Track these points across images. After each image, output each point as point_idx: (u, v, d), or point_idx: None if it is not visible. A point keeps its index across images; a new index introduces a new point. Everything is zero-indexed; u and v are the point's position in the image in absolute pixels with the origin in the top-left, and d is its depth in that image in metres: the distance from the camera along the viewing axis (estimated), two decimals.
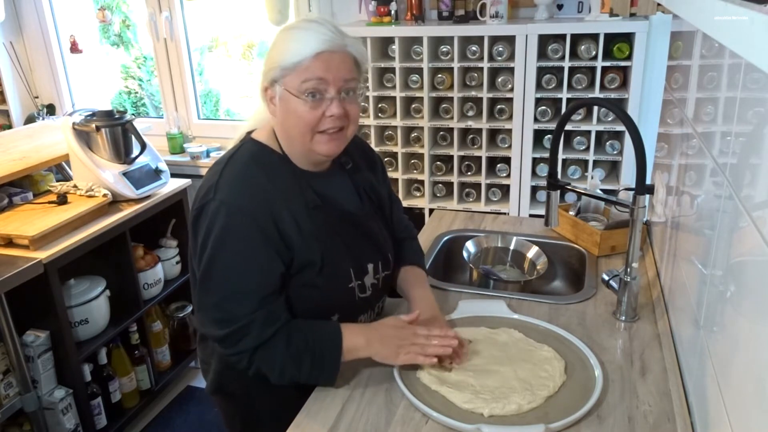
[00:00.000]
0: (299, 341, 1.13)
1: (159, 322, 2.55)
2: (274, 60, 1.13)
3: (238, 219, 1.11)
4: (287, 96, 1.13)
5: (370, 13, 2.45)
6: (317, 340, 1.14)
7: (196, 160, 2.97)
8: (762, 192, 0.72)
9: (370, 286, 1.28)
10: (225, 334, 1.12)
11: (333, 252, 1.19)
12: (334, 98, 1.13)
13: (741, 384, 0.77)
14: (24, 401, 1.98)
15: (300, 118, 1.14)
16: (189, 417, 2.51)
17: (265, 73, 1.16)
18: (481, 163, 2.42)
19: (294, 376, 1.13)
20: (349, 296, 1.24)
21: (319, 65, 1.11)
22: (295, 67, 1.11)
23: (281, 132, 1.20)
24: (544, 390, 1.12)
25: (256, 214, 1.11)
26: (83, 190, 2.24)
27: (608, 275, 1.43)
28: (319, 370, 1.14)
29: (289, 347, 1.12)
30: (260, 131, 1.24)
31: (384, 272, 1.32)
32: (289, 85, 1.12)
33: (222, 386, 1.30)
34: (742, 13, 0.59)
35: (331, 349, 1.14)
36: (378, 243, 1.31)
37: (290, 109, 1.14)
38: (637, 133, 1.22)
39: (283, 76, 1.13)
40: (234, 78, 3.63)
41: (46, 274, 1.93)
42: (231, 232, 1.10)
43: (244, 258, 1.11)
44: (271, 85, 1.15)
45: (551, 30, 2.17)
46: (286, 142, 1.20)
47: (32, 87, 3.27)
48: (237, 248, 1.11)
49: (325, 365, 1.14)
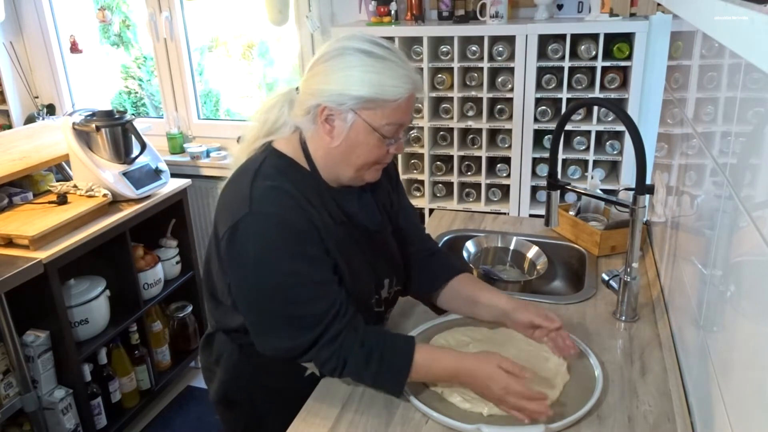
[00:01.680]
0: (371, 348, 1.10)
1: (159, 322, 2.55)
2: (351, 85, 1.05)
3: (283, 228, 1.07)
4: (362, 126, 1.08)
5: (370, 13, 2.45)
6: (388, 352, 1.11)
7: (196, 160, 2.97)
8: (762, 192, 0.72)
9: (384, 301, 1.28)
10: (307, 342, 1.09)
11: (356, 267, 1.18)
12: (402, 137, 1.14)
13: (741, 384, 0.77)
14: (24, 401, 1.98)
15: (369, 152, 1.11)
16: (189, 417, 2.51)
17: (329, 94, 1.07)
18: (481, 163, 2.42)
19: (363, 381, 1.13)
20: (368, 310, 1.24)
21: (406, 109, 1.09)
22: (382, 105, 1.06)
23: (326, 153, 1.13)
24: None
25: (298, 223, 1.08)
26: (83, 190, 2.24)
27: (608, 275, 1.43)
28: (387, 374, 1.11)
29: (361, 353, 1.09)
30: (283, 142, 1.17)
31: (396, 287, 1.32)
32: (369, 119, 1.07)
33: (227, 396, 1.29)
34: (742, 13, 0.59)
35: (402, 355, 1.10)
36: (394, 259, 1.30)
37: (359, 141, 1.09)
38: (637, 133, 1.22)
39: (363, 107, 1.06)
40: (234, 78, 3.63)
41: (46, 274, 1.93)
42: (279, 242, 1.07)
43: (301, 264, 1.08)
44: (337, 107, 1.07)
45: (551, 30, 2.17)
46: (327, 162, 1.15)
47: (32, 87, 3.27)
48: (289, 257, 1.07)
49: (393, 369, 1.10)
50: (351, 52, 1.07)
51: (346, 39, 1.10)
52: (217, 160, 2.94)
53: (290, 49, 3.19)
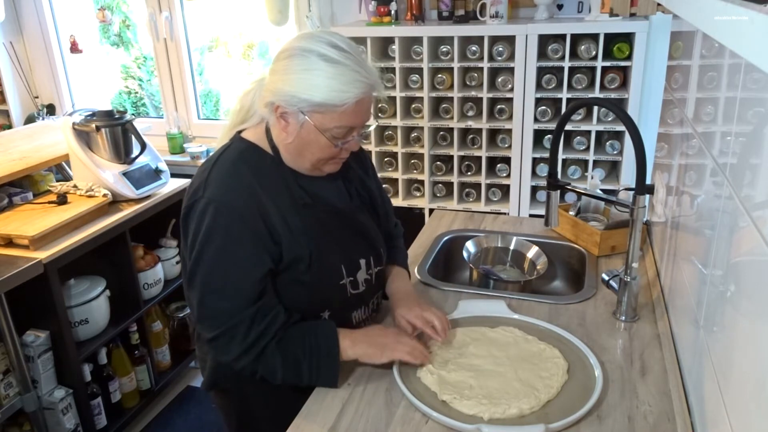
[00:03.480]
0: (295, 348, 1.13)
1: (159, 322, 2.55)
2: (302, 89, 1.08)
3: (225, 216, 1.11)
4: (311, 128, 1.11)
5: (370, 13, 2.45)
6: (313, 345, 1.14)
7: (196, 160, 2.97)
8: (762, 192, 0.72)
9: (364, 282, 1.28)
10: (214, 335, 1.13)
11: (322, 248, 1.19)
12: (355, 137, 1.15)
13: (741, 384, 0.77)
14: (24, 401, 1.98)
15: (321, 150, 1.14)
16: (189, 417, 2.51)
17: (283, 95, 1.10)
18: (481, 163, 2.42)
19: (295, 380, 1.15)
20: (341, 293, 1.24)
21: (356, 112, 1.10)
22: (329, 110, 1.09)
23: (285, 146, 1.18)
24: (545, 393, 1.11)
25: (244, 211, 1.12)
26: (83, 190, 2.24)
27: (608, 275, 1.43)
28: (318, 376, 1.15)
29: (285, 355, 1.13)
30: (250, 130, 1.23)
31: (377, 267, 1.32)
32: (318, 122, 1.10)
33: (217, 382, 1.31)
34: (742, 13, 0.59)
35: (328, 352, 1.15)
36: (370, 238, 1.31)
37: (310, 140, 1.13)
38: (637, 133, 1.22)
39: (312, 111, 1.09)
40: (234, 78, 3.63)
41: (46, 274, 1.93)
42: (218, 229, 1.11)
43: (230, 254, 1.11)
44: (288, 107, 1.11)
45: (551, 30, 2.17)
46: (286, 152, 1.19)
47: (32, 87, 3.27)
48: (223, 245, 1.11)
49: (323, 370, 1.14)
50: (308, 55, 1.09)
51: (309, 39, 1.12)
52: None
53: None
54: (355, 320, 1.30)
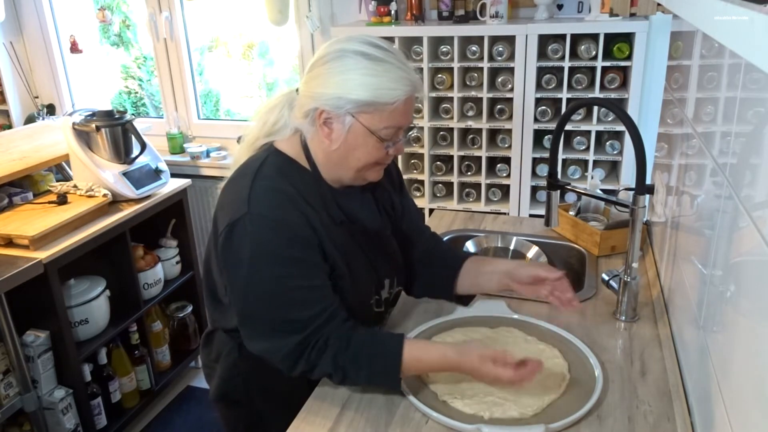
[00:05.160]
0: (358, 344, 1.10)
1: (159, 322, 2.55)
2: (349, 90, 1.05)
3: (279, 230, 1.07)
4: (360, 130, 1.08)
5: (370, 13, 2.45)
6: (376, 354, 1.10)
7: (196, 160, 2.97)
8: (762, 192, 0.72)
9: (384, 301, 1.28)
10: (289, 350, 1.09)
11: (357, 267, 1.18)
12: (402, 139, 1.13)
13: (741, 384, 0.77)
14: (24, 401, 1.99)
15: (368, 154, 1.11)
16: (189, 417, 2.51)
17: (327, 98, 1.07)
18: (481, 163, 2.42)
19: (354, 382, 1.13)
20: (368, 311, 1.24)
21: (404, 111, 1.08)
22: (380, 108, 1.06)
23: (327, 154, 1.13)
24: (545, 393, 1.11)
25: (296, 225, 1.08)
26: (83, 190, 2.24)
27: (608, 275, 1.43)
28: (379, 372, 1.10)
29: (348, 349, 1.09)
30: (284, 143, 1.18)
31: (397, 287, 1.32)
32: (367, 123, 1.07)
33: (227, 394, 1.28)
34: (742, 13, 0.59)
35: (391, 351, 1.10)
36: (395, 258, 1.31)
37: (358, 143, 1.09)
38: (637, 133, 1.22)
39: (360, 111, 1.06)
40: (234, 78, 3.63)
41: (46, 274, 1.93)
42: (274, 243, 1.07)
43: (293, 266, 1.08)
44: (335, 111, 1.07)
45: (551, 30, 2.17)
46: (327, 163, 1.15)
47: (32, 87, 3.27)
48: (283, 258, 1.07)
49: (381, 378, 1.11)
50: (349, 55, 1.06)
51: (344, 41, 1.09)
52: (217, 160, 2.94)
53: (290, 49, 3.20)
54: None
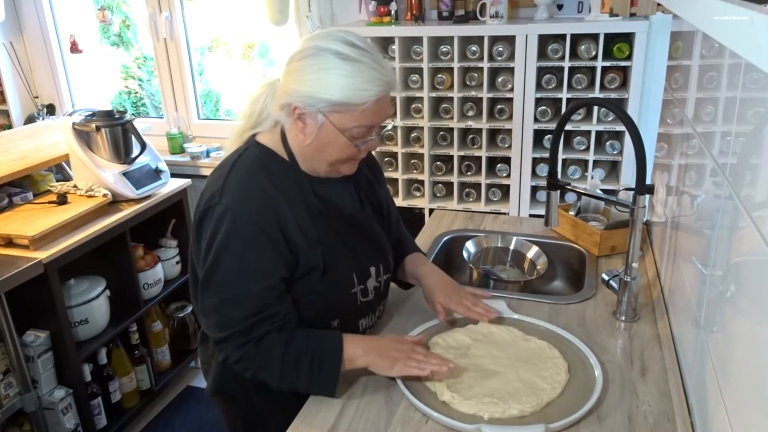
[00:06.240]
0: (299, 347, 1.12)
1: (159, 322, 2.55)
2: (320, 89, 1.07)
3: (243, 223, 1.09)
4: (330, 128, 1.10)
5: (370, 13, 2.45)
6: (317, 348, 1.12)
7: (196, 160, 2.97)
8: (762, 192, 0.72)
9: (372, 290, 1.28)
10: (224, 336, 1.12)
11: (336, 257, 1.19)
12: (374, 136, 1.15)
13: (741, 384, 0.77)
14: (24, 401, 1.98)
15: (339, 151, 1.13)
16: (189, 417, 2.51)
17: (300, 96, 1.08)
18: (481, 163, 2.42)
19: (293, 383, 1.13)
20: (352, 301, 1.24)
21: (376, 110, 1.10)
22: (349, 109, 1.08)
23: (302, 148, 1.16)
24: (545, 393, 1.11)
25: (261, 219, 1.10)
26: (83, 190, 2.24)
27: (608, 275, 1.43)
28: (318, 379, 1.12)
29: (287, 353, 1.11)
30: (265, 135, 1.21)
31: (385, 275, 1.32)
32: (337, 122, 1.09)
33: (222, 388, 1.29)
34: (742, 13, 0.59)
35: (331, 358, 1.12)
36: (380, 246, 1.31)
37: (329, 140, 1.11)
38: (637, 133, 1.22)
39: (331, 110, 1.08)
40: (234, 78, 3.63)
41: (46, 274, 1.93)
42: (235, 236, 1.09)
43: (247, 262, 1.10)
44: (307, 108, 1.09)
45: (551, 30, 2.17)
46: (303, 155, 1.17)
47: (32, 87, 3.27)
48: (240, 252, 1.10)
49: (324, 374, 1.12)
50: (325, 54, 1.08)
51: (323, 37, 1.11)
52: (217, 160, 2.94)
53: (290, 49, 3.19)
54: (362, 327, 1.30)
